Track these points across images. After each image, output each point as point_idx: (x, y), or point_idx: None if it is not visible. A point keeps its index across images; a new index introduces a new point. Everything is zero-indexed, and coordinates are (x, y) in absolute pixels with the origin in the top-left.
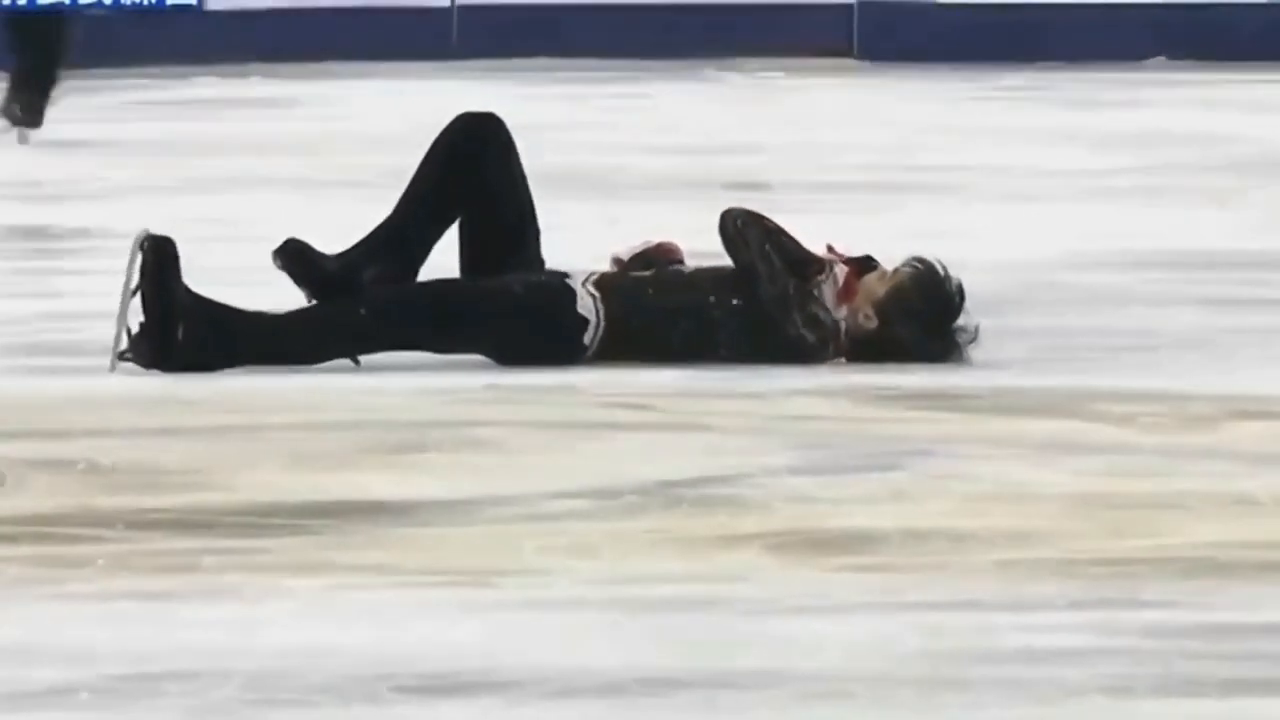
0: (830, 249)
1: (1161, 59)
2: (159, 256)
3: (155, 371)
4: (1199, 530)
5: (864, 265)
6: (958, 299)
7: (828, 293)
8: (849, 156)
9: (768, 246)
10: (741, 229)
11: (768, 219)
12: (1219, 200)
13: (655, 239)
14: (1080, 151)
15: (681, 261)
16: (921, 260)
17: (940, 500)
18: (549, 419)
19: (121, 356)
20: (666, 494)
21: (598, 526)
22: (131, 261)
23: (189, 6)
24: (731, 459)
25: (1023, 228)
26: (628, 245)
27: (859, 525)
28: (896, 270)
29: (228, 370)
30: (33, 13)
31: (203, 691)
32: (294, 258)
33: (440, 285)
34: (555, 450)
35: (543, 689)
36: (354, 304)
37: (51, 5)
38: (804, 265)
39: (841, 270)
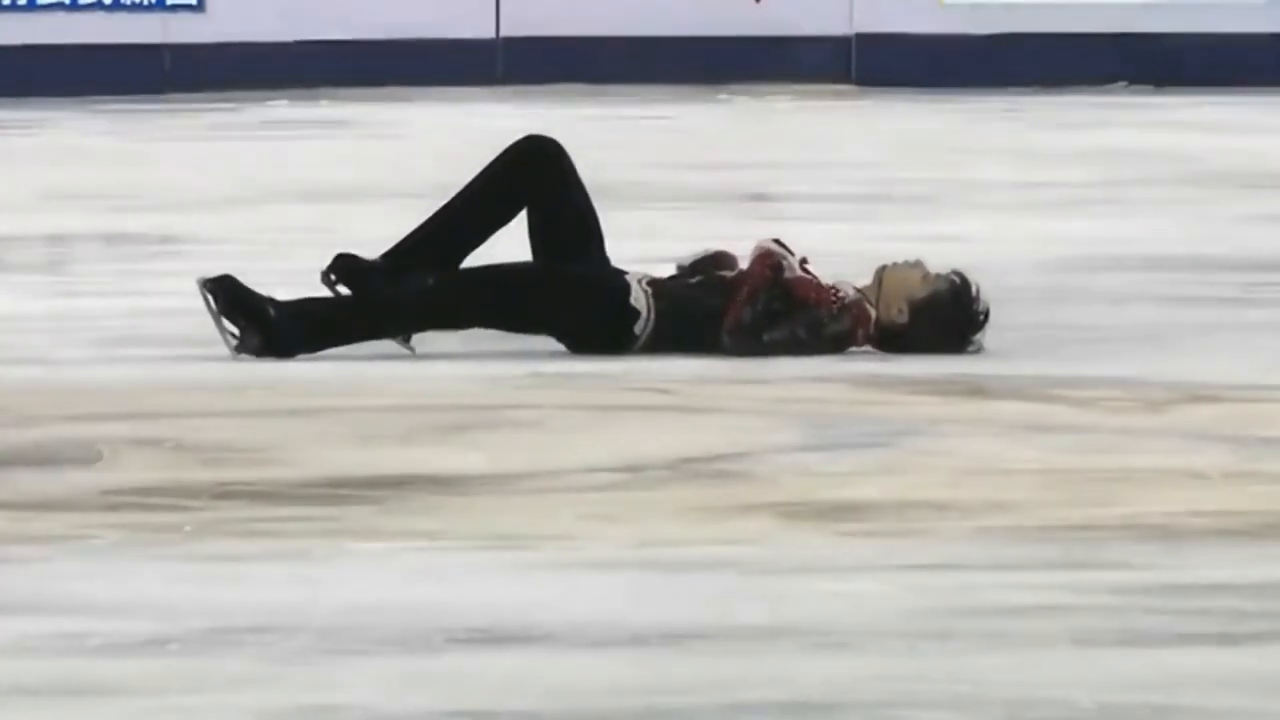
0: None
1: (1124, 84)
2: (222, 284)
3: (269, 359)
4: (1156, 500)
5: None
6: (982, 318)
7: (845, 321)
8: (846, 171)
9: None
10: (756, 289)
11: (785, 270)
12: (1173, 210)
13: (716, 246)
14: (1051, 166)
15: (732, 269)
16: (962, 276)
17: (926, 474)
18: (584, 402)
19: (237, 351)
20: (687, 468)
21: (626, 497)
22: (204, 299)
23: (242, 42)
24: (744, 437)
25: (999, 234)
26: (691, 252)
27: (855, 496)
28: (939, 276)
29: (312, 353)
30: None
31: (278, 643)
32: (346, 274)
33: (507, 265)
34: (589, 430)
35: (578, 640)
36: (425, 277)
37: None
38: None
39: (860, 303)
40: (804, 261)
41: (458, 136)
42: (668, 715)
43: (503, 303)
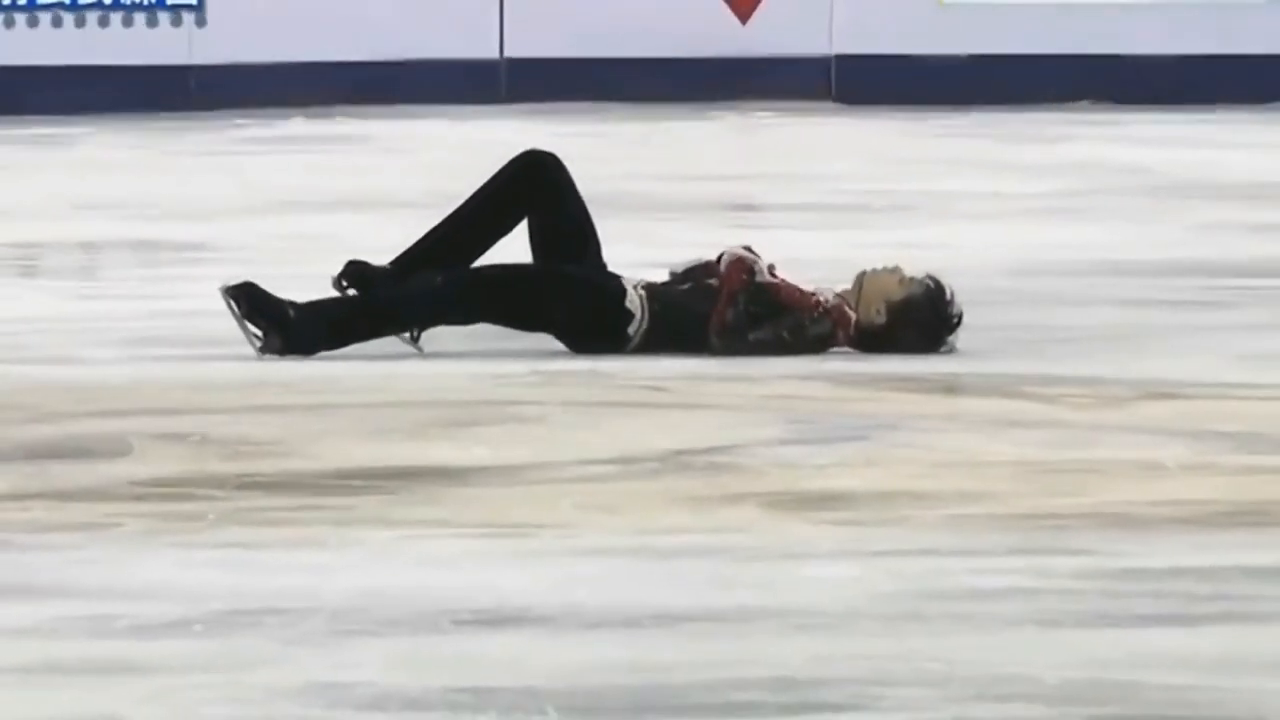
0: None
1: (1087, 102)
2: (244, 290)
3: (288, 358)
4: (1117, 491)
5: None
6: (955, 320)
7: (826, 323)
8: (827, 183)
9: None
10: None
11: (757, 274)
12: (1133, 219)
13: (705, 256)
14: (1020, 178)
15: (719, 276)
16: (937, 280)
17: (903, 466)
18: (582, 399)
19: (261, 351)
20: (678, 461)
21: (622, 487)
22: (228, 305)
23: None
24: (732, 432)
25: (970, 241)
26: (682, 259)
27: (836, 486)
28: (915, 280)
29: (329, 350)
30: None
31: (295, 624)
32: (356, 279)
33: (511, 265)
34: (587, 425)
35: (575, 622)
36: (433, 275)
37: None
38: (785, 311)
39: (840, 307)
40: (772, 267)
41: (463, 151)
42: (660, 692)
43: (505, 300)
